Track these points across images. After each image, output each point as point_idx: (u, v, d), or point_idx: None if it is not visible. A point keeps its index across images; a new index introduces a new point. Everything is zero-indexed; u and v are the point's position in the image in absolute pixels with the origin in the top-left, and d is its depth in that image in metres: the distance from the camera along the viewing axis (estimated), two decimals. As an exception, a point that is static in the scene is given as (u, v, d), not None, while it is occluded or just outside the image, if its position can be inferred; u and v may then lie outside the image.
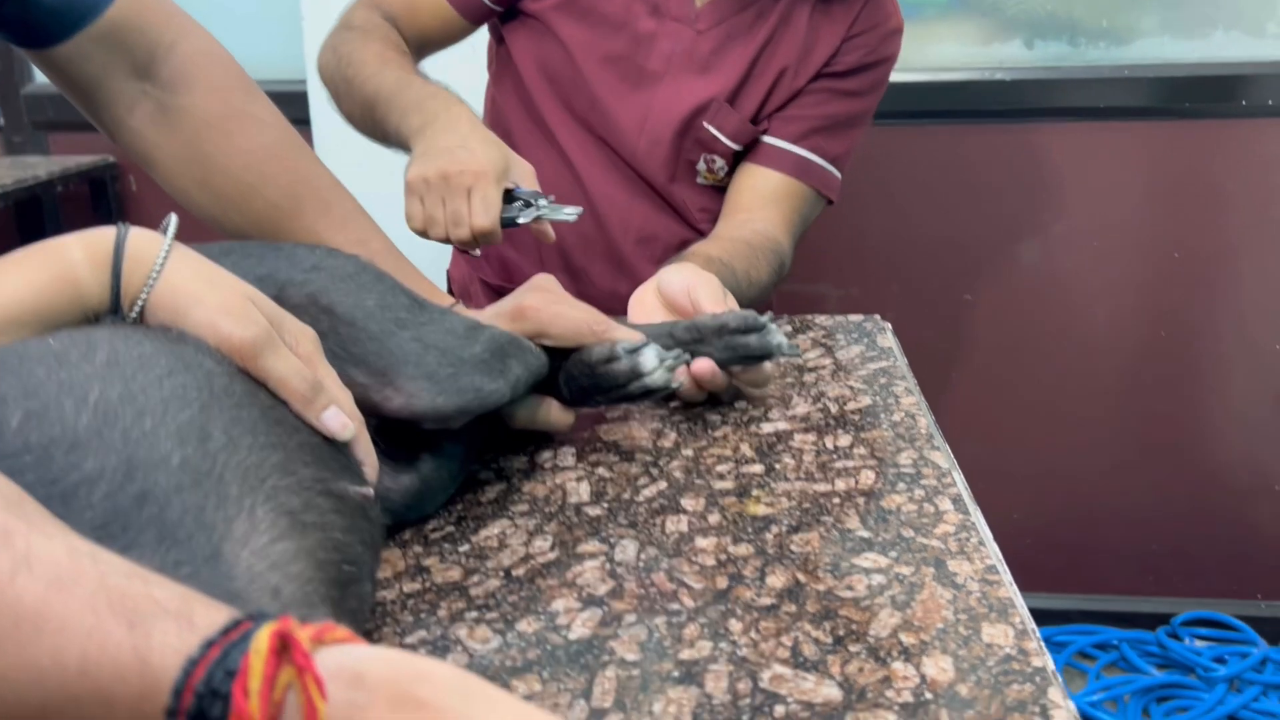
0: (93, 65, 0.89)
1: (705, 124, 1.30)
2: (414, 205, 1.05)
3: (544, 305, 0.88)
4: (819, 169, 1.32)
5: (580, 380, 0.87)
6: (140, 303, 0.61)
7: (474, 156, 1.03)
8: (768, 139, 1.32)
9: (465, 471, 0.84)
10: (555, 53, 1.31)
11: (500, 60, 1.40)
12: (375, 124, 1.18)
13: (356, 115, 1.23)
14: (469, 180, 1.01)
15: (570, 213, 1.04)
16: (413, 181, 1.05)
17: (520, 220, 1.03)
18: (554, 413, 0.89)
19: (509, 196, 1.04)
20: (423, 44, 1.33)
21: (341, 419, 0.64)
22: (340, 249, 0.83)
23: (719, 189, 1.35)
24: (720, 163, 1.33)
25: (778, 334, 0.92)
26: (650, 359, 0.85)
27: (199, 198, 0.93)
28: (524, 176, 1.06)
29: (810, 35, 1.29)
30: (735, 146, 1.32)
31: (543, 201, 1.04)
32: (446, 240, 1.04)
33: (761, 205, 1.30)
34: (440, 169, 1.02)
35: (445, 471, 0.80)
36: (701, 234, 1.32)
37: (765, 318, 0.93)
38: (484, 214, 1.01)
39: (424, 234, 1.05)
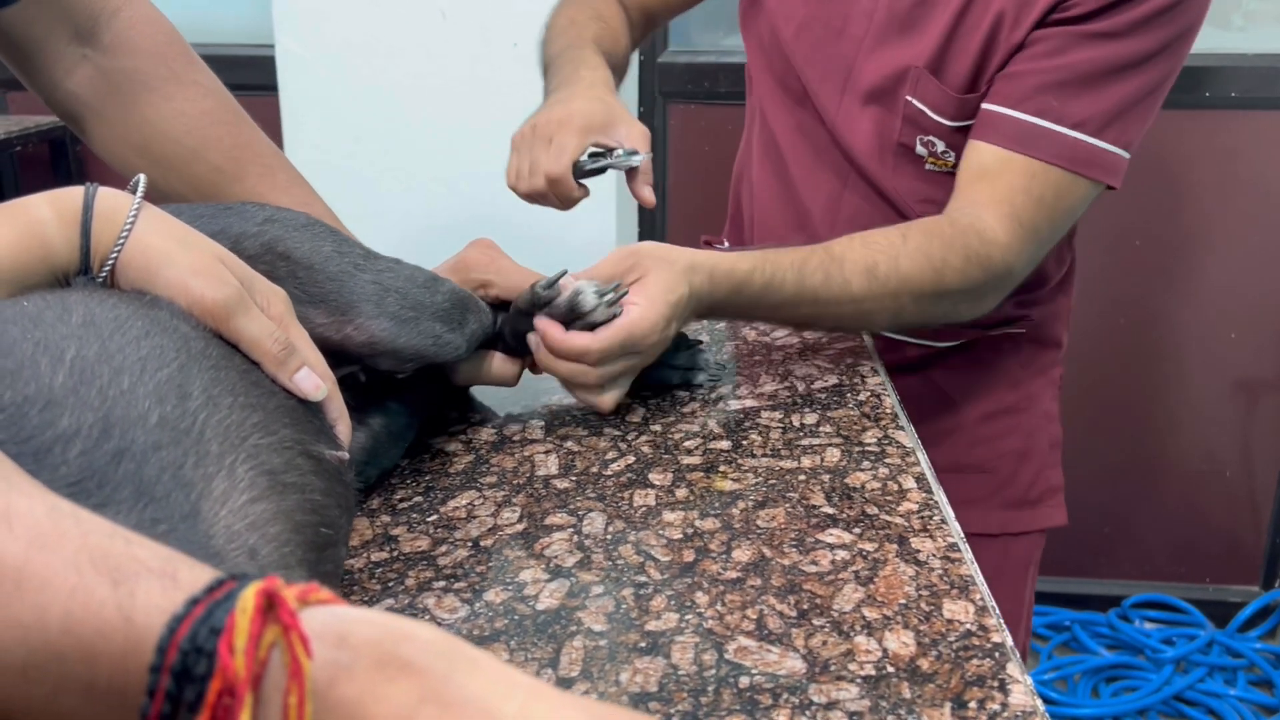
0: (36, 28, 0.88)
1: (908, 98, 1.09)
2: (510, 160, 1.02)
3: (489, 260, 0.92)
4: (1051, 136, 1.01)
5: (521, 326, 0.89)
6: (110, 262, 0.60)
7: (565, 107, 1.00)
8: (986, 105, 1.05)
9: (414, 428, 0.85)
10: (763, 19, 1.21)
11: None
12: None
13: (546, 58, 1.19)
14: (552, 129, 0.99)
15: (636, 159, 1.00)
16: (514, 138, 1.03)
17: (589, 168, 1.00)
18: (497, 364, 0.90)
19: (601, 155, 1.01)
20: (648, 12, 1.28)
21: (314, 380, 0.64)
22: None
23: (953, 175, 1.09)
24: (941, 145, 1.10)
25: (700, 373, 0.96)
26: (589, 298, 0.85)
27: (137, 163, 0.92)
28: (632, 138, 0.99)
29: None
30: (945, 122, 1.08)
31: (619, 152, 1.00)
32: (531, 196, 1.01)
33: (974, 186, 1.03)
34: (532, 122, 1.01)
35: (394, 427, 0.81)
36: None
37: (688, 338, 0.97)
38: (555, 160, 0.97)
39: (515, 189, 1.02)
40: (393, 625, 0.34)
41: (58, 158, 2.36)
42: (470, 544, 0.71)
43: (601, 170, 1.00)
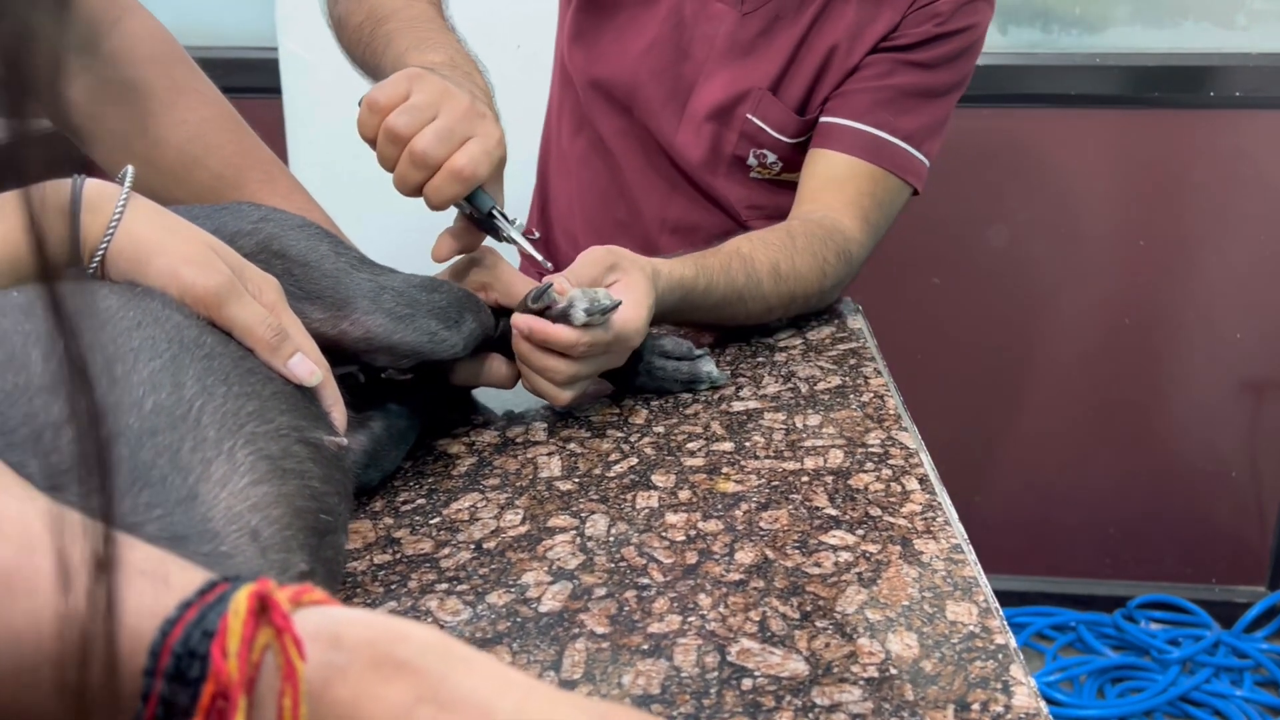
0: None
1: (748, 115, 1.21)
2: (399, 82, 0.84)
3: (490, 264, 0.92)
4: (889, 147, 1.16)
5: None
6: (100, 252, 0.60)
7: (495, 123, 0.86)
8: (826, 118, 1.19)
9: (416, 430, 0.85)
10: (608, 31, 1.24)
11: (563, 26, 1.31)
12: (373, 39, 1.01)
13: (354, 22, 1.05)
14: (484, 128, 0.85)
15: (540, 256, 0.90)
16: (418, 71, 0.86)
17: (494, 211, 0.87)
18: (496, 366, 0.91)
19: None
20: None
21: (308, 365, 0.64)
22: None
23: (777, 183, 1.25)
24: (772, 157, 1.23)
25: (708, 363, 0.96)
26: (578, 315, 0.84)
27: (138, 171, 0.93)
28: (501, 203, 0.90)
29: (866, 7, 1.16)
30: (783, 138, 1.21)
31: (519, 222, 0.89)
32: (393, 141, 0.83)
33: (824, 190, 1.15)
34: (467, 98, 0.85)
35: (395, 429, 0.81)
36: (748, 230, 1.14)
37: (693, 347, 0.96)
38: (481, 159, 0.83)
39: (378, 105, 0.83)
40: (387, 625, 0.34)
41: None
42: (473, 546, 0.71)
43: (488, 220, 0.88)
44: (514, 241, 0.89)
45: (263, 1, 1.99)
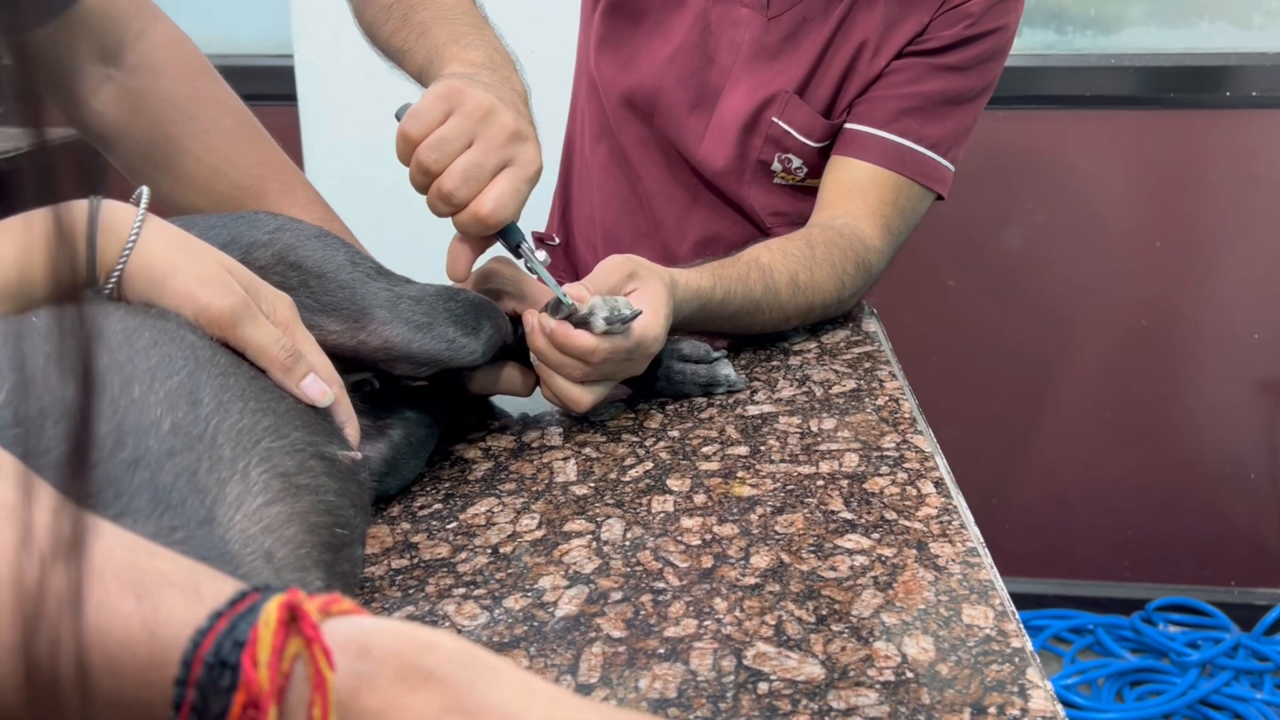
0: (63, 49, 0.90)
1: (774, 119, 1.19)
2: (435, 104, 0.81)
3: (508, 273, 0.92)
4: (914, 155, 1.15)
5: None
6: (116, 274, 0.61)
7: (536, 149, 0.84)
8: (851, 125, 1.17)
9: (434, 439, 0.85)
10: (636, 39, 1.22)
11: (587, 32, 1.30)
12: (405, 25, 0.98)
13: (383, 3, 1.02)
14: (523, 155, 0.83)
15: (561, 293, 0.85)
16: (459, 86, 0.82)
17: (522, 245, 0.86)
18: (513, 374, 0.91)
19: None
20: None
21: (320, 386, 0.64)
22: None
23: (800, 189, 1.23)
24: (797, 162, 1.21)
25: (725, 365, 0.96)
26: (598, 323, 0.84)
27: (159, 181, 0.93)
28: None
29: (894, 8, 1.14)
30: (809, 143, 1.19)
31: (543, 256, 0.87)
32: (427, 172, 0.81)
33: (846, 198, 1.14)
34: (511, 118, 0.82)
35: (415, 437, 0.81)
36: (770, 237, 1.13)
37: (711, 350, 0.96)
38: (509, 200, 0.81)
39: (410, 137, 0.81)
40: (415, 635, 0.34)
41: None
42: (490, 551, 0.71)
43: (516, 249, 0.86)
44: (536, 274, 0.87)
45: (278, 9, 2.00)
